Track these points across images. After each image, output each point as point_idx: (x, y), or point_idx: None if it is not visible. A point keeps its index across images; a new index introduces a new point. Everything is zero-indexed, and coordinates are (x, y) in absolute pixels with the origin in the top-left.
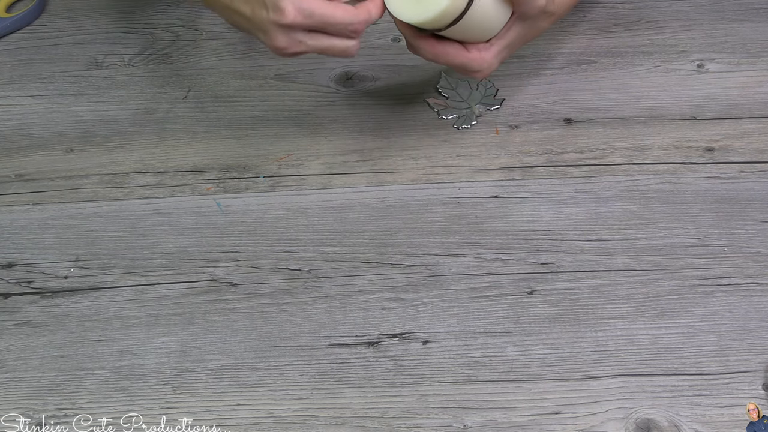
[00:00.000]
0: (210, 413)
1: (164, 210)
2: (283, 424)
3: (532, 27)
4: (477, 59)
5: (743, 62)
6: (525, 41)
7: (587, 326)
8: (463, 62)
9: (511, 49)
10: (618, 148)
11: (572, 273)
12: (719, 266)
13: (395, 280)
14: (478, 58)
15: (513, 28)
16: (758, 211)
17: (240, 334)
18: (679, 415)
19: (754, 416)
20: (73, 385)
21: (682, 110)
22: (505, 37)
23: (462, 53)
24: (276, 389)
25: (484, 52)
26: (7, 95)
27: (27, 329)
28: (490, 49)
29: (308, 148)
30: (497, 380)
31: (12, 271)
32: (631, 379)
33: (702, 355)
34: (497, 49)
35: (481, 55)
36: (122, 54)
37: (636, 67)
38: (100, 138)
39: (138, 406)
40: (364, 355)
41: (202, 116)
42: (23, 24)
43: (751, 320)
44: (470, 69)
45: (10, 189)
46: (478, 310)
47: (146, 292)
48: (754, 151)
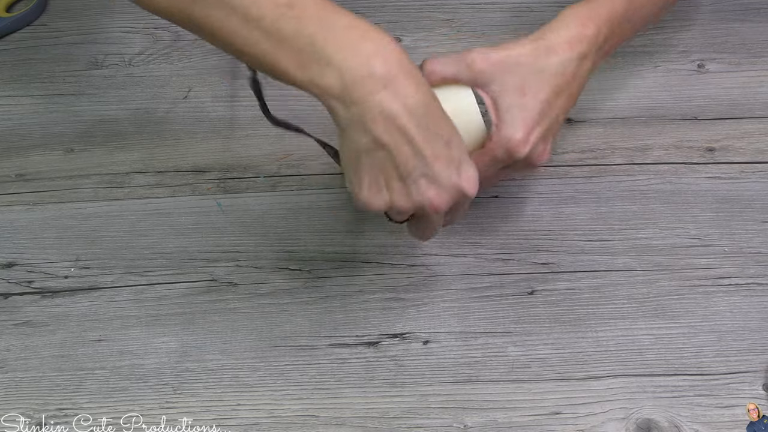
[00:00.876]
0: (210, 413)
1: (164, 210)
2: (284, 424)
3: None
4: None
5: (744, 62)
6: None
7: (588, 326)
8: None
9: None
10: (618, 148)
11: (573, 273)
12: (720, 266)
13: (395, 280)
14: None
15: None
16: (759, 211)
17: (240, 334)
18: (679, 416)
19: (754, 416)
20: (73, 385)
21: (683, 110)
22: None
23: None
24: (276, 389)
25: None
26: (7, 95)
27: (27, 329)
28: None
29: (308, 148)
30: (498, 380)
31: (12, 271)
32: (631, 379)
33: (702, 356)
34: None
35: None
36: (122, 54)
37: (636, 67)
38: (100, 138)
39: (138, 406)
40: (365, 355)
41: (202, 116)
42: (23, 24)
43: (752, 320)
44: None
45: (10, 189)
46: (478, 310)
47: (146, 292)
48: (755, 151)
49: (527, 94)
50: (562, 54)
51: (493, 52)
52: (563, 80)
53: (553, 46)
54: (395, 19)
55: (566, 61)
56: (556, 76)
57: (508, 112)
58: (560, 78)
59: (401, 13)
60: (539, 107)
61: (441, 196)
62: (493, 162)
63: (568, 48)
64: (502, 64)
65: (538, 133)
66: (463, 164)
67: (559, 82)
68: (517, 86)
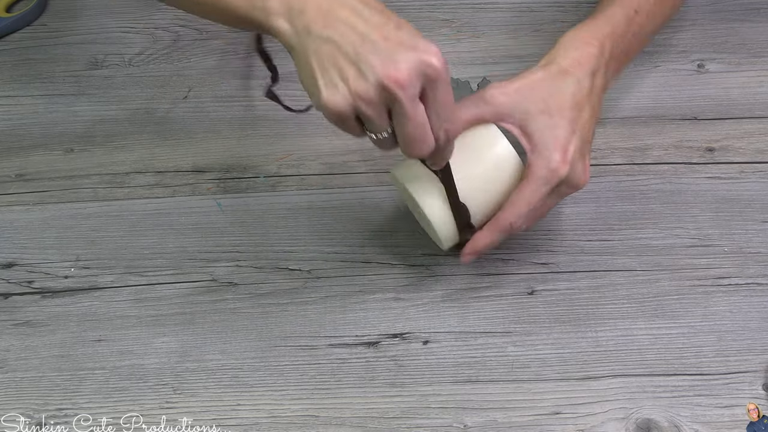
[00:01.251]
0: (210, 413)
1: (164, 210)
2: (283, 424)
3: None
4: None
5: (743, 62)
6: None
7: (587, 326)
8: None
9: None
10: (618, 148)
11: (572, 273)
12: (719, 266)
13: (395, 280)
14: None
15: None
16: (758, 212)
17: (240, 334)
18: (679, 416)
19: (754, 416)
20: (73, 385)
21: (683, 110)
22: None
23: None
24: (276, 389)
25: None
26: (7, 95)
27: (27, 329)
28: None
29: (308, 148)
30: (497, 380)
31: (12, 271)
32: (631, 379)
33: (702, 356)
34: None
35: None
36: (122, 54)
37: (636, 67)
38: (100, 138)
39: (138, 406)
40: (365, 355)
41: (202, 116)
42: (23, 24)
43: (752, 320)
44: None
45: (10, 189)
46: (478, 310)
47: (146, 292)
48: (755, 151)
49: (553, 115)
50: (575, 73)
51: (509, 83)
52: (582, 96)
53: (564, 68)
54: None
55: (581, 79)
56: (575, 94)
57: (540, 135)
58: (579, 95)
59: (401, 13)
60: (567, 125)
61: (400, 69)
62: (537, 188)
63: (579, 67)
64: (521, 93)
65: (573, 149)
66: (419, 42)
67: (579, 99)
68: (540, 110)
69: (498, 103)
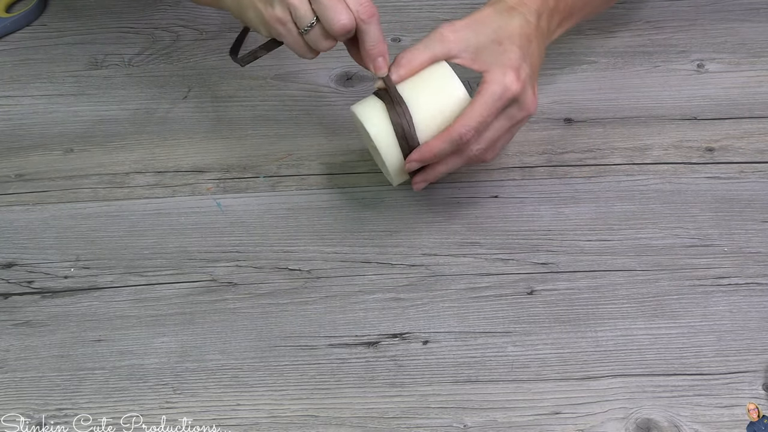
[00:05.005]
0: (210, 413)
1: (164, 210)
2: (283, 424)
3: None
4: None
5: (743, 62)
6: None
7: (587, 326)
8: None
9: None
10: (618, 148)
11: (572, 273)
12: (719, 266)
13: (395, 280)
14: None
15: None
16: (758, 211)
17: (240, 334)
18: (679, 415)
19: (754, 416)
20: (73, 385)
21: (682, 110)
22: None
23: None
24: (276, 389)
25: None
26: (7, 95)
27: (27, 329)
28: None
29: (308, 148)
30: (497, 380)
31: (12, 271)
32: (631, 379)
33: (702, 355)
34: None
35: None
36: (122, 54)
37: (636, 67)
38: (100, 138)
39: (138, 406)
40: (364, 355)
41: (202, 116)
42: (23, 24)
43: (751, 320)
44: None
45: (10, 189)
46: (478, 310)
47: (146, 292)
48: (754, 151)
49: (503, 43)
50: (521, 10)
51: (458, 21)
52: (530, 30)
53: (511, 5)
54: (395, 19)
55: (527, 15)
56: (522, 27)
57: (494, 59)
58: (526, 28)
59: (401, 13)
60: (518, 50)
61: None
62: (490, 102)
63: (524, 6)
64: (471, 27)
65: (524, 73)
66: None
67: (527, 32)
68: (491, 39)
69: (449, 41)
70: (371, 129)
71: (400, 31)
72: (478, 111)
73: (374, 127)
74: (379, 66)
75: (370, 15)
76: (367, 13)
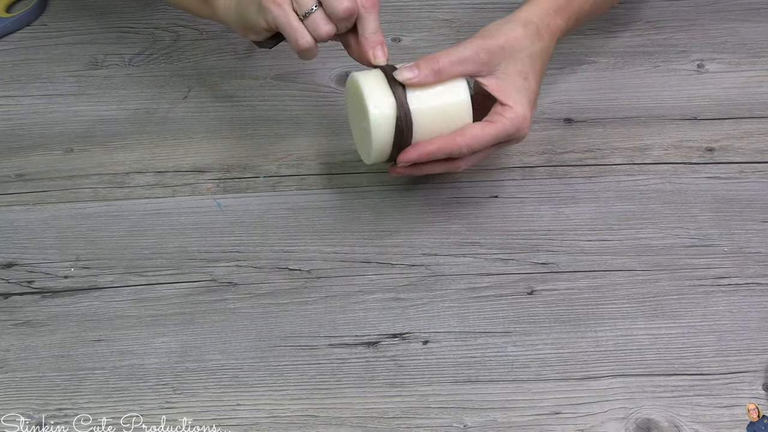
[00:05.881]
0: (210, 413)
1: (164, 210)
2: (283, 424)
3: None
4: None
5: (743, 62)
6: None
7: (587, 326)
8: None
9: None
10: (618, 148)
11: (572, 273)
12: (719, 266)
13: (395, 280)
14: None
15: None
16: (758, 211)
17: (240, 334)
18: (679, 415)
19: (754, 416)
20: (73, 385)
21: (682, 110)
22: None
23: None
24: (276, 389)
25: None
26: (7, 95)
27: (27, 329)
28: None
29: (308, 148)
30: (497, 380)
31: (12, 271)
32: (631, 379)
33: (702, 355)
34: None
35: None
36: (122, 54)
37: (636, 67)
38: (100, 138)
39: (138, 406)
40: (364, 355)
41: (202, 116)
42: (23, 24)
43: (751, 320)
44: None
45: (10, 189)
46: (478, 310)
47: (146, 292)
48: (754, 151)
49: (528, 78)
50: (547, 40)
51: (493, 39)
52: (547, 56)
53: (540, 32)
54: (395, 19)
55: (549, 41)
56: (542, 60)
57: (517, 93)
58: (544, 61)
59: (401, 13)
60: (535, 88)
61: None
62: (498, 135)
63: (549, 32)
64: (506, 53)
65: (534, 110)
66: None
67: (544, 58)
68: (517, 70)
69: (482, 62)
70: (373, 110)
71: (400, 31)
72: (486, 139)
73: (376, 109)
74: (377, 55)
75: (372, 4)
76: (369, 1)
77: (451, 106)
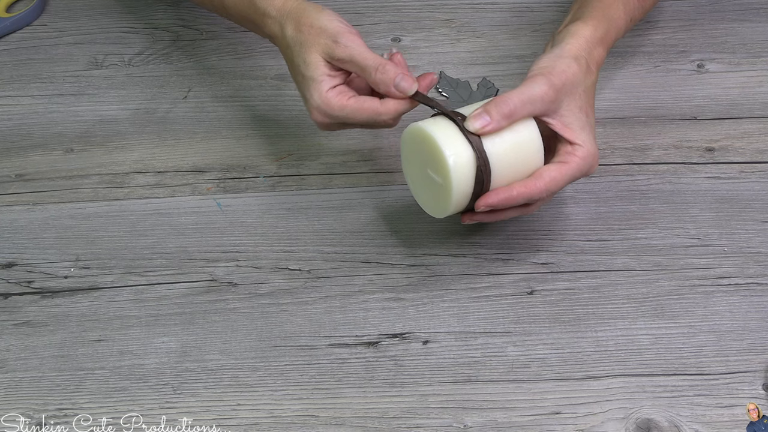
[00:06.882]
0: (210, 413)
1: (164, 210)
2: (283, 424)
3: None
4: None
5: (743, 62)
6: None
7: (587, 326)
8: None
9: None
10: (618, 148)
11: (572, 273)
12: (719, 266)
13: (395, 280)
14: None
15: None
16: (758, 211)
17: (240, 334)
18: (679, 415)
19: (754, 416)
20: (73, 385)
21: (682, 110)
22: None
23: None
24: (276, 389)
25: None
26: (7, 95)
27: (27, 329)
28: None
29: (308, 148)
30: (497, 380)
31: (12, 271)
32: (631, 379)
33: (702, 355)
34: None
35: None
36: (122, 54)
37: (636, 67)
38: (100, 138)
39: (138, 406)
40: (364, 355)
41: (202, 116)
42: (23, 24)
43: (752, 320)
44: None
45: (10, 189)
46: (478, 310)
47: (146, 292)
48: (755, 151)
49: (588, 114)
50: (595, 72)
51: (555, 77)
52: (594, 96)
53: (589, 66)
54: (395, 19)
55: (596, 79)
56: (592, 93)
57: (583, 132)
58: (594, 92)
59: (401, 13)
60: (593, 121)
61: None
62: (573, 175)
63: (596, 66)
64: (568, 91)
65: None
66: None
67: (593, 95)
68: (579, 107)
69: (550, 101)
70: (451, 159)
71: (400, 31)
72: (563, 181)
73: (454, 156)
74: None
75: (409, 85)
76: (406, 85)
77: (524, 150)
